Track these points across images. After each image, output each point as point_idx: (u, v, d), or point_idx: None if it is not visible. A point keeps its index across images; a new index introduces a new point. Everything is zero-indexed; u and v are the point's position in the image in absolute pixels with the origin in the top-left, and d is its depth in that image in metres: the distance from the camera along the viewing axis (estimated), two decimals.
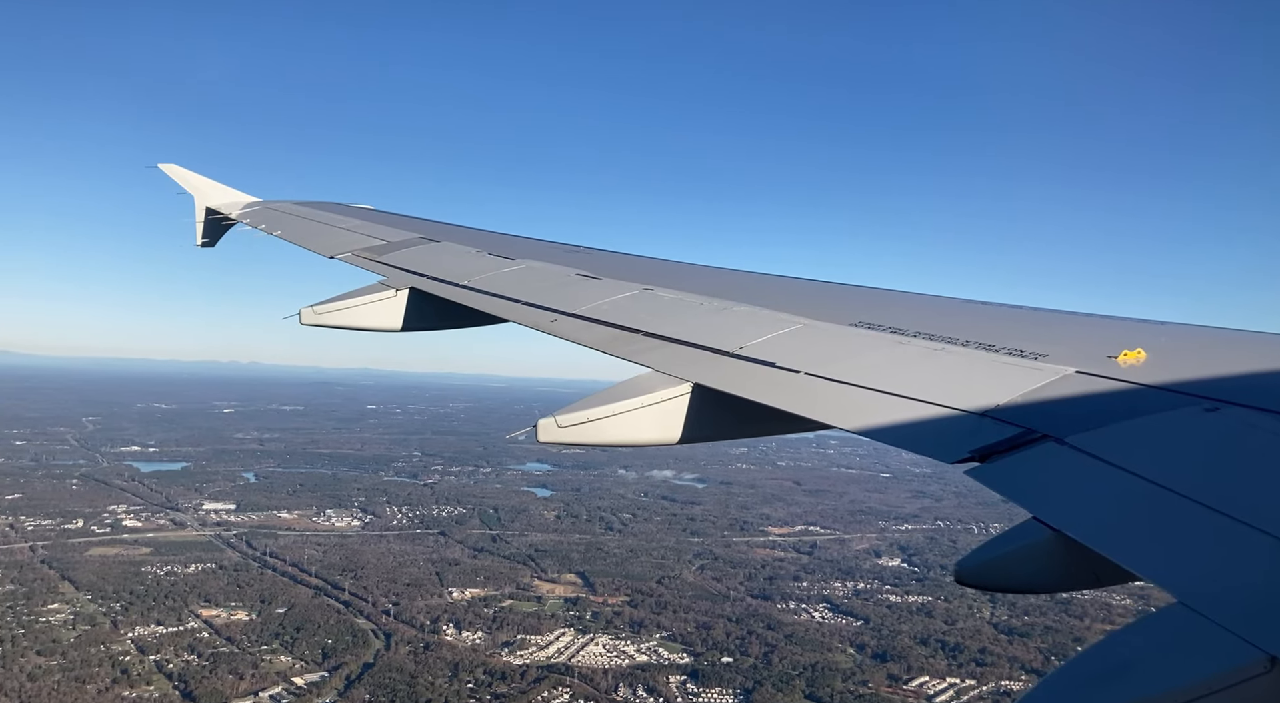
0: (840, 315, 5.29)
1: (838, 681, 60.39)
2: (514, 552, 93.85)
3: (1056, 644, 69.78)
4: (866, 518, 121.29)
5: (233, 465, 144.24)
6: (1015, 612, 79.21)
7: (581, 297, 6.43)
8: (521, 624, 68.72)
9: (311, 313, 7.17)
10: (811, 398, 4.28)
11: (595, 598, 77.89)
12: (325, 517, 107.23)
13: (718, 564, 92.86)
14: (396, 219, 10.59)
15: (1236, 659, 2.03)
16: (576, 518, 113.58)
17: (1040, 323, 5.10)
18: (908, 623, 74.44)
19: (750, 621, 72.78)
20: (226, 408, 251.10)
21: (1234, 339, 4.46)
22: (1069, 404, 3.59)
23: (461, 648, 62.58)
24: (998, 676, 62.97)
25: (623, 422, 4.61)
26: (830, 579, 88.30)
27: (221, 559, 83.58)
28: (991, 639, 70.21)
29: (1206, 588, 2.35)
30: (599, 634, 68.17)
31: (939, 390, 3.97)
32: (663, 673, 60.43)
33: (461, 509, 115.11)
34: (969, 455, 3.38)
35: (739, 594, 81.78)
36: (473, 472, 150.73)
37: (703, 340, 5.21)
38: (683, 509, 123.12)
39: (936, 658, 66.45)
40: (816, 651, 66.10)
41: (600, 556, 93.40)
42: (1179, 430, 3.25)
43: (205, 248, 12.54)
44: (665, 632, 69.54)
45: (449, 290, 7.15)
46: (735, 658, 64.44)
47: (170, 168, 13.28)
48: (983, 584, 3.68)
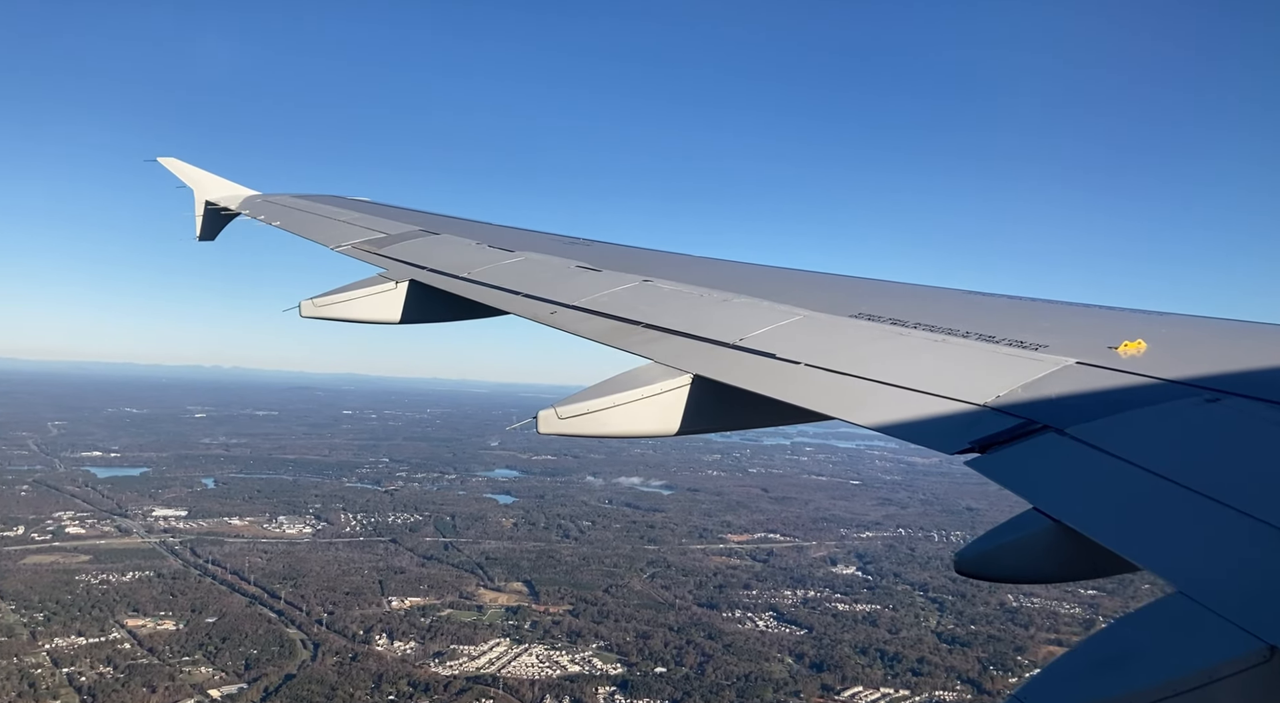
0: (840, 307, 5.29)
1: (769, 691, 59.76)
2: (464, 560, 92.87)
3: (997, 654, 69.45)
4: (828, 526, 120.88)
5: (193, 471, 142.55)
6: (962, 621, 78.90)
7: (581, 288, 6.41)
8: (457, 634, 67.77)
9: (312, 305, 7.15)
10: (812, 389, 4.26)
11: (538, 607, 77.02)
12: (277, 524, 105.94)
13: (669, 572, 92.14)
14: (396, 211, 10.56)
15: (1236, 649, 2.03)
16: (534, 526, 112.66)
17: (1040, 314, 5.05)
18: (851, 632, 73.95)
19: (692, 630, 72.06)
20: (198, 413, 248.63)
21: (1235, 330, 4.45)
22: (1069, 395, 3.60)
23: (390, 659, 61.58)
24: (932, 686, 62.49)
25: (623, 413, 4.62)
26: (781, 588, 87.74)
27: (161, 567, 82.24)
28: (932, 649, 69.77)
29: (1206, 578, 2.34)
30: (534, 644, 67.29)
31: (939, 382, 3.97)
32: (592, 684, 59.61)
33: (418, 517, 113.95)
34: (969, 446, 3.39)
35: (685, 603, 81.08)
36: (437, 478, 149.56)
37: (703, 332, 5.21)
38: (644, 517, 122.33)
39: (874, 668, 65.93)
40: (753, 660, 65.45)
41: (551, 564, 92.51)
42: (1180, 421, 3.25)
43: (204, 242, 12.52)
44: (603, 642, 68.73)
45: (449, 282, 7.13)
46: (670, 668, 63.69)
47: (170, 161, 13.18)
48: (982, 574, 3.60)
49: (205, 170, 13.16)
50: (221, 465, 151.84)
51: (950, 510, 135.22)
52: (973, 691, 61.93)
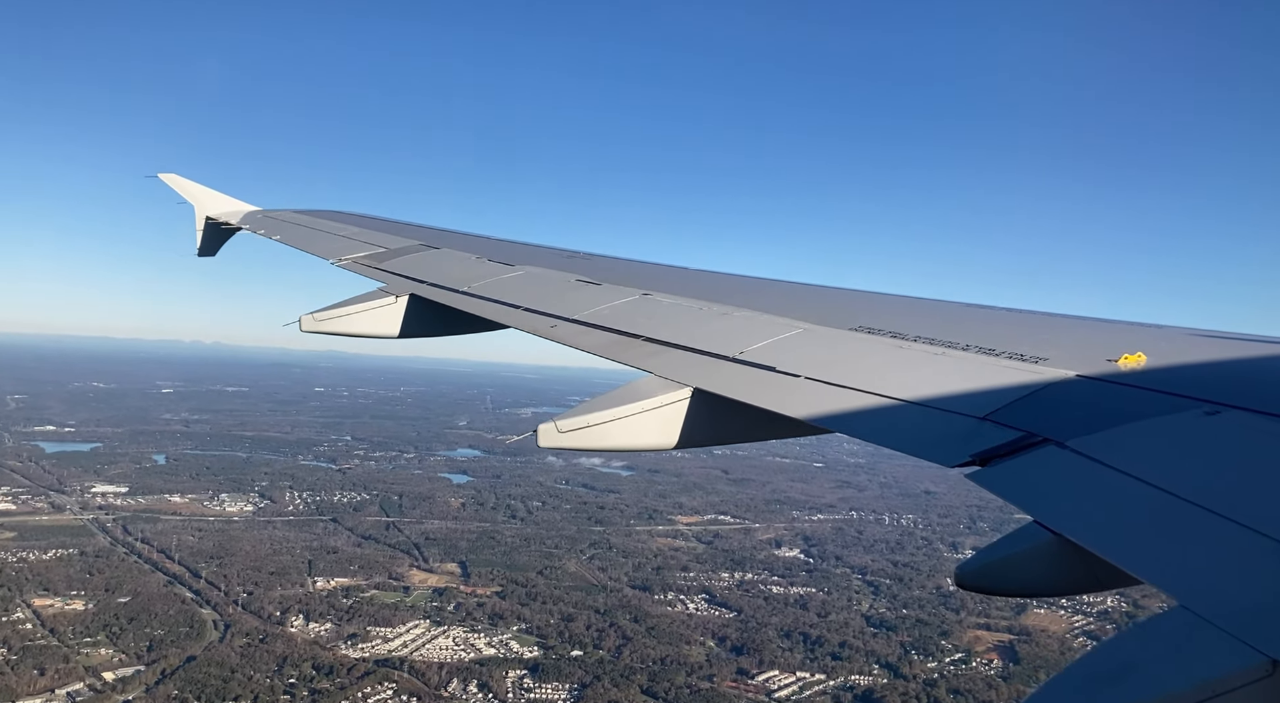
0: (840, 319, 5.30)
1: (682, 675, 59.25)
2: (401, 540, 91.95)
3: (922, 638, 69.23)
4: (781, 508, 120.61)
5: (146, 447, 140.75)
6: (894, 605, 78.70)
7: (581, 302, 6.45)
8: (376, 616, 66.88)
9: (312, 320, 7.19)
10: (812, 402, 4.27)
11: (466, 589, 76.26)
12: (219, 502, 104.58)
13: (609, 554, 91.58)
14: (396, 225, 10.63)
15: (1238, 663, 2.03)
16: (482, 506, 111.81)
17: (1040, 326, 5.11)
18: (779, 616, 73.54)
19: (618, 613, 71.45)
20: (166, 388, 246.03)
21: (1234, 343, 4.46)
22: (1069, 408, 3.61)
23: (301, 641, 60.62)
24: (849, 670, 62.13)
25: (623, 426, 4.61)
26: (719, 570, 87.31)
27: (87, 545, 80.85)
28: (857, 633, 69.46)
29: (1207, 591, 2.35)
30: (454, 627, 66.51)
31: (939, 394, 4.00)
32: (503, 668, 58.89)
33: (365, 496, 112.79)
34: (970, 459, 3.38)
35: (618, 585, 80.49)
36: (395, 457, 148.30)
37: (703, 345, 5.21)
38: (597, 498, 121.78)
39: (794, 652, 65.57)
40: (673, 644, 64.93)
41: (490, 545, 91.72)
42: (1180, 434, 3.26)
43: (204, 257, 12.63)
44: (525, 624, 68.03)
45: (449, 296, 7.15)
46: (586, 652, 63.06)
47: (170, 177, 13.26)
48: (983, 588, 3.64)
49: (204, 186, 13.24)
50: (177, 442, 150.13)
51: (908, 494, 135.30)
52: (889, 675, 61.64)
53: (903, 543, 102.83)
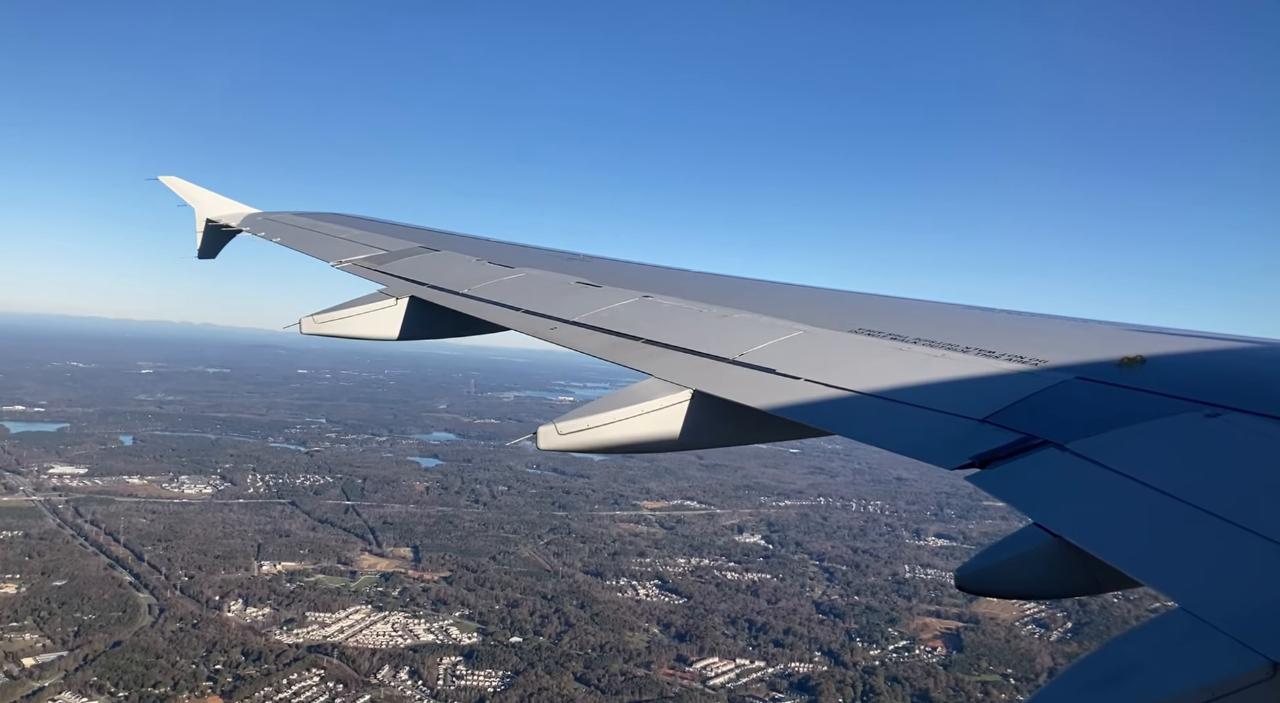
0: (840, 322, 5.31)
1: (619, 662, 58.69)
2: (358, 524, 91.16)
3: (869, 625, 68.81)
4: (749, 494, 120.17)
5: (114, 428, 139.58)
6: (847, 591, 78.26)
7: (581, 304, 6.47)
8: (317, 601, 66.14)
9: (312, 322, 7.24)
10: (811, 405, 4.28)
11: (414, 573, 75.55)
12: (178, 484, 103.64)
13: (568, 539, 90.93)
14: (396, 228, 10.64)
15: (1238, 665, 2.04)
16: (446, 490, 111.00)
17: (1040, 329, 5.11)
18: (729, 602, 73.06)
19: (565, 599, 70.84)
20: (146, 369, 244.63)
21: (1234, 345, 4.45)
22: (1069, 410, 3.61)
23: (235, 626, 59.85)
24: (790, 658, 61.64)
25: (623, 428, 4.64)
26: (676, 556, 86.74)
27: (33, 527, 79.85)
28: (804, 620, 68.92)
29: (1208, 594, 2.36)
30: (395, 612, 65.81)
31: (939, 397, 4.00)
32: (438, 654, 58.20)
33: (329, 479, 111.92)
34: (970, 461, 3.40)
35: (571, 571, 79.87)
36: (367, 440, 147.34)
37: (703, 347, 5.22)
38: (566, 483, 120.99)
39: (738, 639, 65.06)
40: (615, 630, 64.35)
41: (447, 529, 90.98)
42: (1180, 436, 3.27)
43: (204, 259, 12.72)
44: (468, 610, 67.36)
45: (449, 299, 7.19)
46: (526, 638, 62.45)
47: (171, 180, 13.35)
48: (983, 590, 3.61)
49: (205, 188, 13.32)
50: (147, 423, 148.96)
51: (879, 480, 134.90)
52: (830, 662, 61.18)
53: (866, 530, 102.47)
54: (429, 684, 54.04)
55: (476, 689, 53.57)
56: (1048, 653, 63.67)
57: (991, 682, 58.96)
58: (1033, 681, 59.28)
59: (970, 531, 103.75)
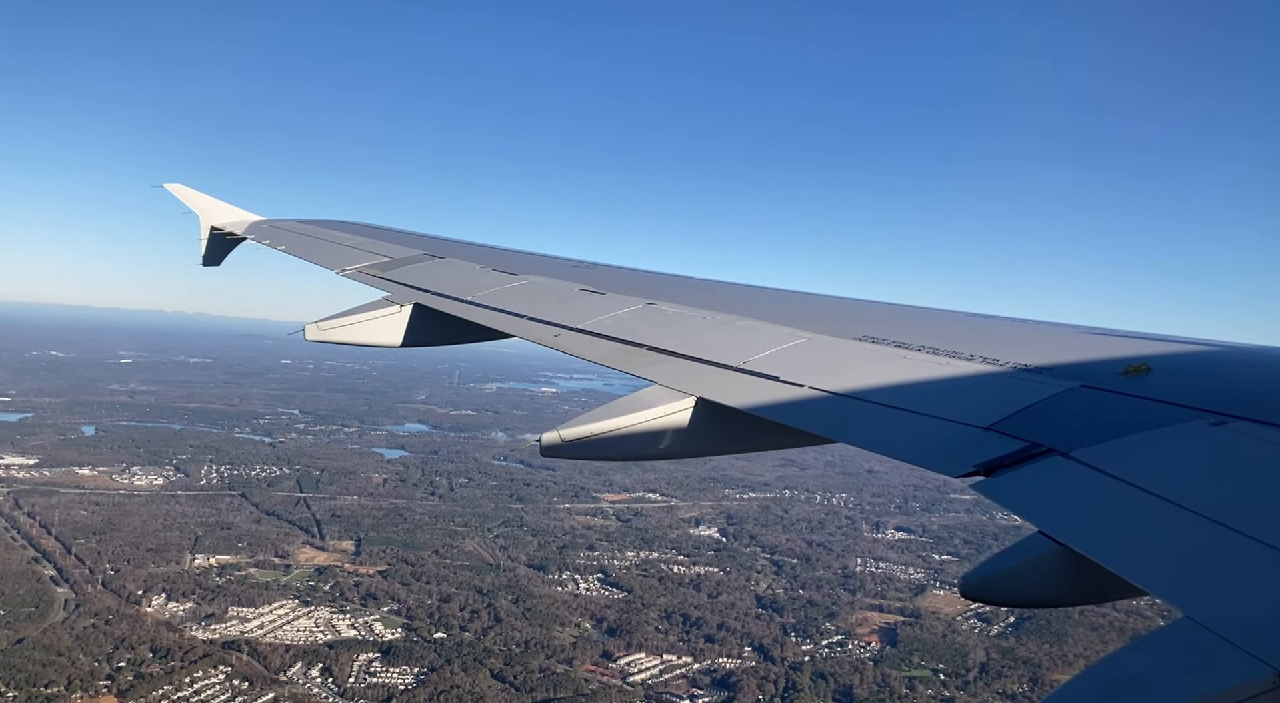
0: (844, 329, 5.32)
1: (540, 658, 57.50)
2: (305, 517, 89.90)
3: (806, 620, 67.66)
4: (714, 486, 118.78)
5: (78, 418, 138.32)
6: (792, 585, 77.12)
7: (585, 311, 6.50)
8: (242, 596, 64.87)
9: (316, 329, 7.29)
10: (815, 412, 4.29)
11: (351, 567, 74.33)
12: (129, 475, 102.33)
13: (518, 532, 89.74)
14: (401, 235, 10.68)
15: (1243, 675, 2.04)
16: (404, 482, 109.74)
17: (1044, 337, 5.09)
18: (668, 596, 71.87)
19: (501, 593, 69.65)
20: (126, 358, 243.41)
21: (1239, 353, 4.50)
22: (1074, 418, 3.60)
23: (150, 622, 58.62)
24: (719, 653, 60.47)
25: (626, 435, 4.61)
26: (626, 549, 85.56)
27: None
28: (741, 614, 67.73)
29: (1214, 603, 2.35)
30: (321, 607, 64.57)
31: (943, 405, 4.00)
32: (355, 650, 56.95)
33: (287, 470, 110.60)
34: (974, 470, 3.39)
35: (514, 564, 78.67)
36: (336, 431, 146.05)
37: (706, 355, 5.22)
38: (530, 474, 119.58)
39: (670, 634, 63.89)
40: (545, 626, 63.16)
41: (397, 522, 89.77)
42: (1185, 445, 3.27)
43: (209, 266, 12.71)
44: (397, 605, 66.12)
45: (453, 306, 7.26)
46: (451, 634, 61.22)
47: (175, 187, 13.39)
48: (988, 598, 3.61)
49: (209, 196, 13.35)
50: (114, 413, 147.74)
51: (849, 473, 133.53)
52: (759, 658, 60.02)
53: (825, 523, 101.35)
54: (339, 682, 52.82)
55: (386, 687, 52.35)
56: (983, 648, 62.56)
57: (920, 677, 57.82)
58: (963, 676, 58.17)
59: (931, 523, 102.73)
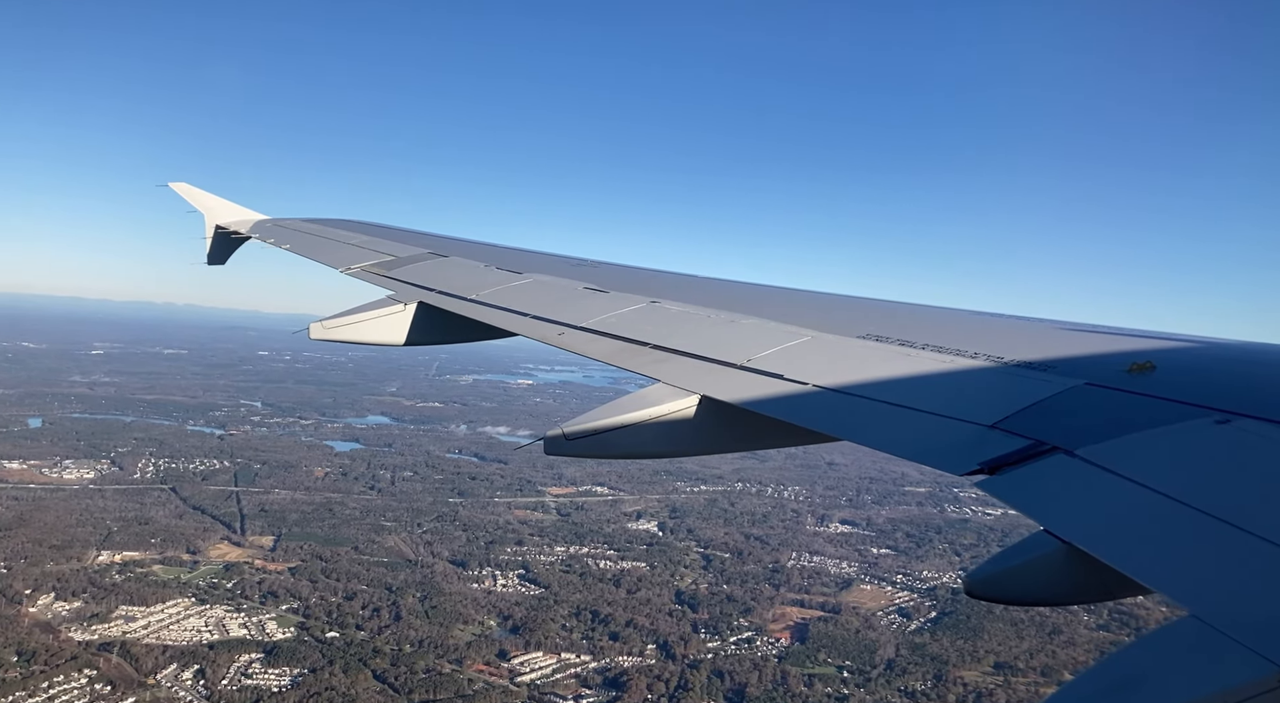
0: (848, 327, 5.31)
1: (430, 658, 55.64)
2: (230, 512, 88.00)
3: (720, 616, 65.78)
4: (666, 479, 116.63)
5: (27, 410, 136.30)
6: (718, 580, 75.27)
7: (589, 310, 6.51)
8: (136, 594, 62.88)
9: (320, 328, 7.27)
10: (819, 410, 4.28)
11: (261, 563, 72.43)
12: (60, 468, 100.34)
13: (449, 527, 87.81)
14: (405, 234, 10.72)
15: (1249, 673, 2.04)
16: (345, 476, 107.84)
17: (1049, 335, 5.10)
18: (585, 592, 69.97)
19: (410, 590, 67.76)
20: (98, 349, 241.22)
21: (1245, 351, 4.52)
22: (1079, 416, 3.61)
23: (26, 623, 56.64)
24: (620, 652, 58.59)
25: (630, 434, 4.61)
26: (556, 544, 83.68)
27: None
28: (654, 611, 65.80)
29: (1219, 601, 2.36)
30: (217, 606, 62.64)
31: (947, 403, 4.00)
32: (237, 651, 55.05)
33: (226, 464, 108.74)
34: (978, 468, 3.39)
35: (435, 561, 76.79)
36: (292, 424, 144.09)
37: (710, 353, 5.22)
38: (480, 468, 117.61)
39: (574, 632, 62.04)
40: (446, 624, 61.28)
41: (324, 517, 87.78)
42: (1190, 443, 3.27)
43: (213, 265, 12.70)
44: (298, 603, 64.19)
45: (457, 304, 7.27)
46: (345, 632, 59.36)
47: (181, 186, 13.38)
48: (992, 597, 3.62)
49: (214, 194, 13.32)
50: (67, 405, 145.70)
51: (809, 465, 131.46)
52: (660, 656, 58.18)
53: (769, 516, 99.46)
54: (210, 685, 50.92)
55: (258, 690, 50.48)
56: (894, 645, 60.72)
57: (823, 674, 55.98)
58: (866, 673, 56.34)
59: (878, 517, 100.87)
